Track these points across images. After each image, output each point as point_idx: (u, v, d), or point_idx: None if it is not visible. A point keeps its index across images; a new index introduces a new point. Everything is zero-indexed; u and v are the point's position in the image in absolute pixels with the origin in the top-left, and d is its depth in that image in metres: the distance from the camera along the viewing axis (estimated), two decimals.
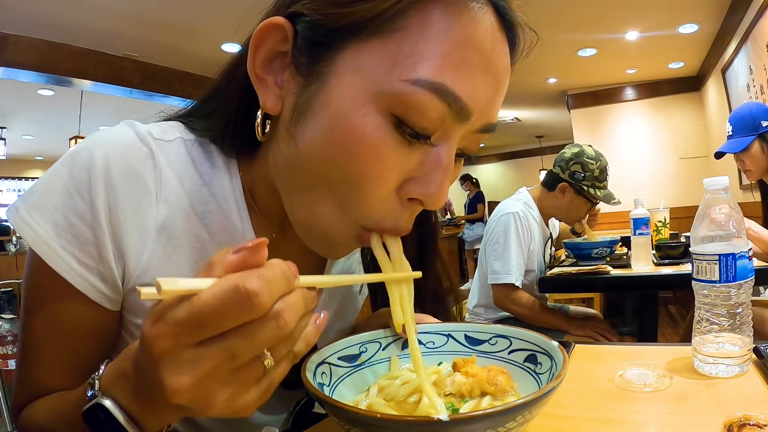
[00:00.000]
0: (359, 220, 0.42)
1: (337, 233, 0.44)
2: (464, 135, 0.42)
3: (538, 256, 1.97)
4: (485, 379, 0.44)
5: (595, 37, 4.00)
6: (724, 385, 0.53)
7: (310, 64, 0.40)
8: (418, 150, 0.40)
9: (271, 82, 0.43)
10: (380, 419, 0.34)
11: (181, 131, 0.52)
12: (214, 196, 0.51)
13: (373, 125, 0.38)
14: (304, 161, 0.42)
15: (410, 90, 0.37)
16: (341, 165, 0.39)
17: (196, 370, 0.29)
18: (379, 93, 0.38)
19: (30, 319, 0.48)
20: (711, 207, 0.60)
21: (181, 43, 3.60)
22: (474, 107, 0.40)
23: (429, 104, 0.37)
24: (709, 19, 3.64)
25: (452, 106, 0.38)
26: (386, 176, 0.40)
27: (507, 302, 1.84)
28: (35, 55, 3.41)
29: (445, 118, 0.39)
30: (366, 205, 0.41)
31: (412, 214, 0.44)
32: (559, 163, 1.92)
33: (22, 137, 6.70)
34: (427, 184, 0.41)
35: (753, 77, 3.12)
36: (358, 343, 0.51)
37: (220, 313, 0.28)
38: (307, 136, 0.41)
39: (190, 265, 0.49)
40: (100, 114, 5.38)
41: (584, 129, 5.45)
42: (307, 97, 0.41)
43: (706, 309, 0.58)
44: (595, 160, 1.86)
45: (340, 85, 0.39)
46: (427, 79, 0.37)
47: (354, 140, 0.38)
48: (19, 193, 8.62)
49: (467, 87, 0.38)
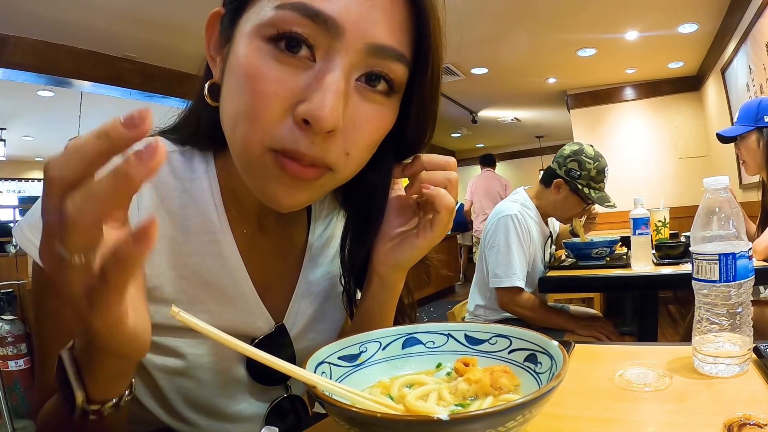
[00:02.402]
0: (264, 141, 0.44)
1: (255, 160, 0.45)
2: (354, 56, 0.43)
3: (538, 256, 1.96)
4: (488, 384, 0.44)
5: (594, 37, 4.00)
6: (724, 385, 0.53)
7: (230, 32, 0.47)
8: (306, 72, 0.43)
9: (219, 59, 0.50)
10: (380, 419, 0.34)
11: (164, 145, 0.54)
12: (193, 201, 0.55)
13: (254, 50, 0.43)
14: (223, 107, 0.48)
15: (276, 13, 0.42)
16: (239, 93, 0.44)
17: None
18: (259, 25, 0.43)
19: (41, 325, 0.52)
20: (711, 207, 0.60)
21: (181, 44, 3.59)
22: (344, 21, 0.42)
23: (293, 21, 0.42)
24: (709, 19, 3.64)
25: (317, 20, 0.42)
26: (273, 94, 0.43)
27: (512, 305, 1.84)
28: (35, 56, 3.41)
29: (318, 35, 0.42)
30: (263, 123, 0.43)
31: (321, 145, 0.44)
32: (557, 159, 1.91)
33: (21, 138, 6.70)
34: (310, 102, 0.42)
35: (752, 77, 3.12)
36: (358, 342, 0.51)
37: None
38: (224, 84, 0.47)
39: (166, 266, 0.53)
40: (100, 115, 5.35)
41: (584, 129, 5.45)
42: (227, 57, 0.48)
43: (706, 309, 0.58)
44: (594, 160, 1.84)
45: (239, 35, 0.46)
46: (287, 2, 0.42)
47: (242, 67, 0.44)
48: (19, 194, 8.63)
49: (330, 3, 0.42)
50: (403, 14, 0.46)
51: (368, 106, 0.46)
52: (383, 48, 0.44)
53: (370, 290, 0.59)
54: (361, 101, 0.46)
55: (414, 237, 0.55)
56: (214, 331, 0.37)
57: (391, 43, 0.45)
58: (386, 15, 0.44)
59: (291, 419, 0.63)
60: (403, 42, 0.46)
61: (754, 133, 1.81)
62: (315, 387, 0.39)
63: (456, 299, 2.02)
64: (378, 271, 0.58)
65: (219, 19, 0.50)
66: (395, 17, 0.45)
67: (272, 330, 0.60)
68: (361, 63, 0.44)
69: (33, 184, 8.77)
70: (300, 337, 0.63)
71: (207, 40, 0.51)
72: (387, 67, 0.46)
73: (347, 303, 0.66)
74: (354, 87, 0.45)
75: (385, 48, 0.45)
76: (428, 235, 0.54)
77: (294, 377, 0.40)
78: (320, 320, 0.66)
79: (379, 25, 0.44)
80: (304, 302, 0.64)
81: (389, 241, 0.57)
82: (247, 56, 0.43)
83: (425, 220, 0.55)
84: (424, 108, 0.52)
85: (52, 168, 0.27)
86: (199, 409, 0.59)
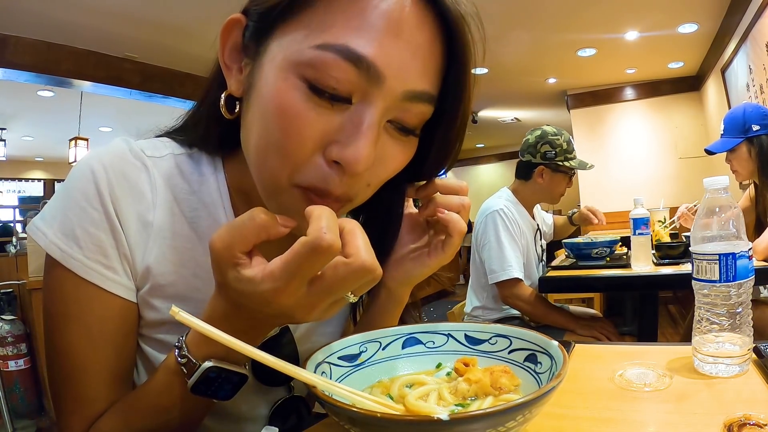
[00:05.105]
0: (292, 178, 0.44)
1: (282, 194, 0.46)
2: (391, 102, 0.43)
3: (531, 248, 1.99)
4: (488, 384, 0.44)
5: (594, 37, 4.00)
6: (724, 385, 0.53)
7: (254, 48, 0.46)
8: (340, 114, 0.43)
9: (236, 69, 0.49)
10: (380, 419, 0.34)
11: (172, 147, 0.58)
12: (203, 203, 0.56)
13: (290, 87, 0.42)
14: (248, 132, 0.47)
15: (317, 54, 0.41)
16: (269, 127, 0.44)
17: (315, 307, 0.40)
18: (296, 62, 0.42)
19: (66, 338, 0.50)
20: (711, 207, 0.60)
21: (182, 44, 3.60)
22: (385, 69, 0.42)
23: (334, 64, 0.41)
24: (709, 19, 3.64)
25: (359, 66, 0.41)
26: (306, 135, 0.43)
27: (513, 299, 1.84)
28: (35, 56, 3.41)
29: (358, 80, 0.42)
30: (293, 162, 0.44)
31: (348, 183, 0.45)
32: (528, 151, 1.98)
33: (22, 138, 6.70)
34: (346, 146, 0.42)
35: (752, 77, 3.12)
36: (358, 342, 0.51)
37: (312, 263, 0.37)
38: (250, 109, 0.46)
39: (181, 264, 0.54)
40: (100, 115, 5.38)
41: (584, 129, 5.45)
42: (251, 77, 0.46)
43: (706, 309, 0.58)
44: (559, 135, 1.94)
45: (269, 60, 0.44)
46: (329, 43, 0.41)
47: (275, 101, 0.43)
48: (19, 194, 8.63)
49: (373, 49, 0.41)
50: (439, 59, 0.46)
51: (393, 143, 0.47)
52: (419, 94, 0.45)
53: (377, 302, 0.61)
54: (388, 139, 0.47)
55: (425, 256, 0.57)
56: (215, 332, 0.37)
57: (426, 89, 0.45)
58: (425, 62, 0.44)
59: (293, 420, 0.63)
60: (435, 85, 0.47)
61: (743, 145, 1.80)
62: (315, 387, 0.39)
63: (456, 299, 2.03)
64: (386, 284, 0.59)
65: (237, 27, 0.48)
66: (433, 63, 0.45)
67: (276, 332, 0.60)
68: (396, 107, 0.45)
69: (33, 184, 8.77)
70: (303, 339, 0.63)
71: (221, 46, 0.49)
72: (418, 110, 0.46)
73: (351, 309, 0.66)
74: (383, 127, 0.46)
75: (422, 94, 0.45)
76: (440, 255, 0.56)
77: (294, 377, 0.40)
78: (324, 323, 0.66)
79: (419, 73, 0.44)
80: None
81: (399, 257, 0.59)
82: (282, 92, 0.43)
83: (437, 241, 0.56)
84: (448, 145, 0.53)
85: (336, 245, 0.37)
86: None
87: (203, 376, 0.44)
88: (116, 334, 0.51)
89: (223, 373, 0.44)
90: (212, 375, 0.44)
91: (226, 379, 0.45)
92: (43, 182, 8.77)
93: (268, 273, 0.38)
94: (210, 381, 0.44)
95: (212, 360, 0.44)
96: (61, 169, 7.84)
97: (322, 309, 0.41)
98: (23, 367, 2.78)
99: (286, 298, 0.38)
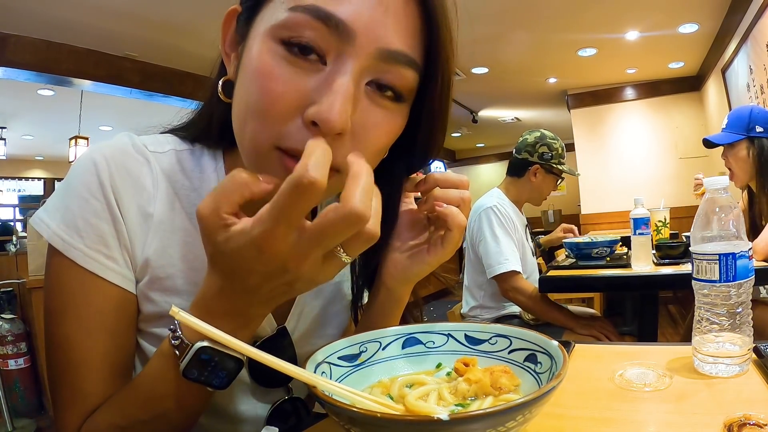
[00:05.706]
0: (272, 138, 0.44)
1: (261, 157, 0.46)
2: (365, 60, 0.43)
3: (526, 243, 2.04)
4: (488, 384, 0.44)
5: (595, 37, 4.00)
6: (724, 385, 0.53)
7: (245, 30, 0.48)
8: (316, 75, 0.43)
9: (234, 57, 0.51)
10: (380, 419, 0.34)
11: (174, 143, 0.59)
12: (203, 199, 0.54)
13: (267, 50, 0.44)
14: (235, 105, 0.48)
15: (289, 15, 0.42)
16: (250, 91, 0.45)
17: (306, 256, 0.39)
18: (273, 27, 0.44)
19: (65, 330, 0.50)
20: (711, 207, 0.60)
21: (182, 43, 3.60)
22: (354, 25, 0.42)
23: (305, 24, 0.42)
24: (709, 19, 3.64)
25: (329, 23, 0.42)
26: (283, 96, 0.43)
27: (513, 292, 1.85)
28: (35, 55, 3.41)
29: (330, 39, 0.42)
30: (272, 121, 0.44)
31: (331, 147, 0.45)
32: (525, 149, 2.06)
33: (22, 137, 6.70)
34: (319, 104, 0.42)
35: (753, 77, 3.12)
36: (358, 342, 0.51)
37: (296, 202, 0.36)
38: (237, 82, 0.48)
39: (180, 257, 0.55)
40: (100, 114, 5.38)
41: (584, 129, 5.45)
42: (241, 55, 0.48)
43: (706, 309, 0.58)
44: (556, 140, 2.06)
45: (254, 36, 0.46)
46: (300, 4, 0.42)
47: (254, 65, 0.44)
48: (19, 193, 8.63)
49: (342, 6, 0.42)
50: (415, 20, 0.45)
51: (377, 110, 0.46)
52: (394, 53, 0.44)
53: (377, 302, 0.60)
54: (370, 105, 0.46)
55: (424, 253, 0.56)
56: (215, 331, 0.37)
57: (402, 48, 0.45)
58: (398, 20, 0.44)
59: (292, 421, 0.63)
60: (414, 48, 0.46)
61: (744, 142, 1.79)
62: (315, 387, 0.39)
63: (455, 299, 2.03)
64: (386, 283, 0.58)
65: (235, 16, 0.51)
66: (407, 23, 0.45)
67: (274, 332, 0.60)
68: (372, 67, 0.44)
69: (33, 183, 8.77)
70: (302, 341, 0.63)
71: (222, 37, 0.51)
72: (397, 72, 0.45)
73: (352, 309, 0.66)
74: (363, 91, 0.45)
75: (396, 53, 0.44)
76: (439, 251, 0.55)
77: (294, 377, 0.40)
78: (324, 325, 0.66)
79: (391, 31, 0.44)
80: (307, 305, 0.64)
81: (399, 255, 0.58)
82: (260, 56, 0.44)
83: (436, 236, 0.55)
84: (433, 116, 0.52)
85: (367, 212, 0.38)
86: None
87: (196, 356, 0.43)
88: (115, 326, 0.52)
89: (216, 356, 0.43)
90: (205, 357, 0.43)
91: (219, 364, 0.44)
92: (43, 181, 8.76)
93: (257, 218, 0.38)
94: (203, 364, 0.43)
95: (206, 341, 0.43)
96: (61, 168, 7.83)
97: (314, 260, 0.39)
98: (23, 366, 2.78)
99: (276, 244, 0.37)
